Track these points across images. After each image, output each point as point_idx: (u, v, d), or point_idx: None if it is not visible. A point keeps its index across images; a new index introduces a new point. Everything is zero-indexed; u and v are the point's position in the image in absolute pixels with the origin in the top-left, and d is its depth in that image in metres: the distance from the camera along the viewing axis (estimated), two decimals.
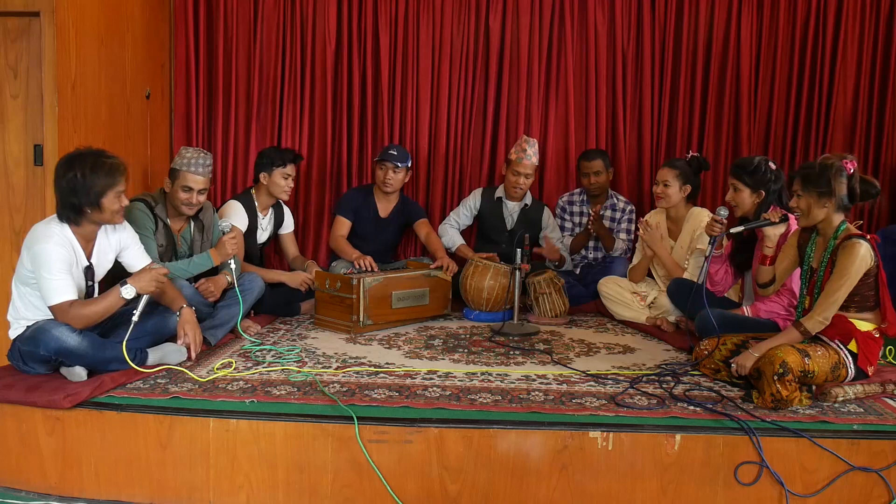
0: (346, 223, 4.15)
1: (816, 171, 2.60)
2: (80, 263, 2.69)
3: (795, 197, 2.67)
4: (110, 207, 2.65)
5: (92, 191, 2.59)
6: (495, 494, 2.32)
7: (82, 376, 2.56)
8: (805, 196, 2.63)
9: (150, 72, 4.14)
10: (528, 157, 4.16)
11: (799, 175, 2.66)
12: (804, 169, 2.66)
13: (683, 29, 4.49)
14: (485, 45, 4.53)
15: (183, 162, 3.22)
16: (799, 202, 2.66)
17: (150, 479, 2.36)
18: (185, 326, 2.85)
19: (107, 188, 2.61)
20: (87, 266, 2.72)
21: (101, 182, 2.60)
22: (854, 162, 2.59)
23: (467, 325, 3.80)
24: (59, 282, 2.55)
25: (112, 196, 2.64)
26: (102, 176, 2.60)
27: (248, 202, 3.84)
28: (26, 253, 2.60)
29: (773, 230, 2.90)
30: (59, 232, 2.61)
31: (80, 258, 2.68)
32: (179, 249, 3.31)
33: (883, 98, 4.46)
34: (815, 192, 2.60)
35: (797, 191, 2.66)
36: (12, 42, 3.24)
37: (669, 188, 3.67)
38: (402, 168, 4.10)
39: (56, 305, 2.56)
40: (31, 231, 2.64)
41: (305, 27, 4.48)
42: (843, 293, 2.55)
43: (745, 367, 2.64)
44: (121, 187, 2.66)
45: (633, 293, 3.87)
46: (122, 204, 2.69)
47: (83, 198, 2.59)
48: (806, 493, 2.30)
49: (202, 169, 3.22)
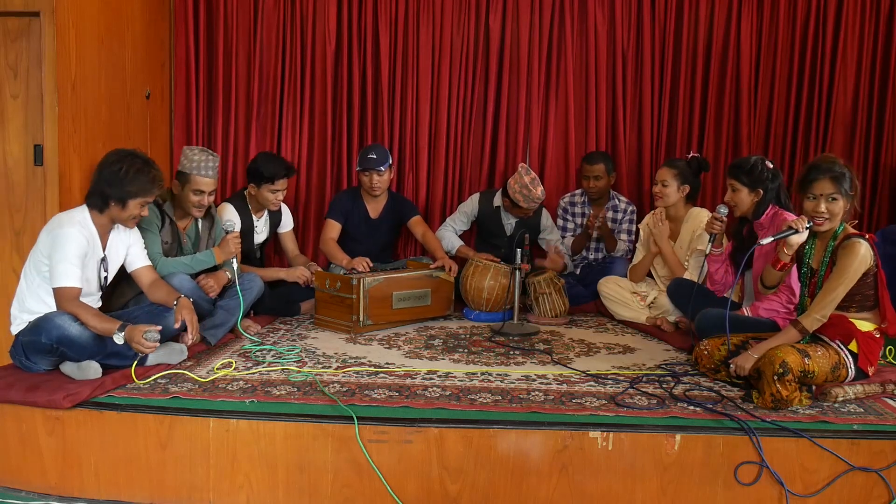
0: (336, 227, 4.11)
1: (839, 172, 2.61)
2: (97, 254, 2.78)
3: (828, 201, 2.65)
4: (132, 211, 2.77)
5: (126, 189, 2.71)
6: (495, 494, 2.32)
7: (98, 372, 2.58)
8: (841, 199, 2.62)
9: (150, 72, 4.14)
10: (535, 201, 4.08)
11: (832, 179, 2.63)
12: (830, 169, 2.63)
13: (683, 29, 4.49)
14: (485, 45, 4.53)
15: (192, 165, 3.22)
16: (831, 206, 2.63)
17: (150, 479, 2.36)
18: (182, 311, 2.83)
19: (140, 193, 2.75)
20: (102, 258, 2.81)
21: (139, 186, 2.73)
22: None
23: (467, 325, 3.80)
24: (72, 267, 2.64)
25: (139, 202, 2.76)
26: (143, 181, 2.74)
27: (242, 204, 3.79)
28: (46, 237, 2.69)
29: (798, 238, 2.85)
30: (82, 220, 2.73)
31: (97, 248, 2.78)
32: (185, 247, 3.32)
33: (883, 98, 4.45)
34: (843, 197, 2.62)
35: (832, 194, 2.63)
36: (12, 42, 3.24)
37: (667, 188, 3.68)
38: (386, 170, 4.04)
39: (61, 288, 2.62)
40: (56, 217, 2.77)
41: (305, 27, 4.48)
42: (841, 292, 2.55)
43: (743, 368, 2.64)
44: (150, 198, 2.80)
45: (633, 293, 3.87)
46: (142, 213, 2.80)
47: (115, 191, 2.71)
48: (806, 493, 2.30)
49: (212, 172, 3.24)
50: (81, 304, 2.67)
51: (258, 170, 3.69)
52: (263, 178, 3.68)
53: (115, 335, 2.58)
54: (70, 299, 2.63)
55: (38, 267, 2.69)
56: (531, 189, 4.02)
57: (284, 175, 3.72)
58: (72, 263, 2.63)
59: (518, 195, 4.06)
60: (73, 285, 2.64)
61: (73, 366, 2.59)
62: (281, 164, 3.73)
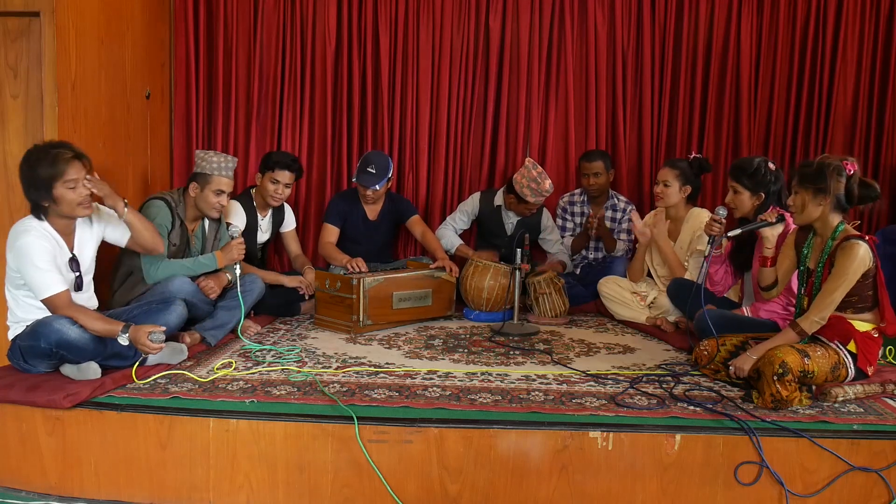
0: (334, 230, 4.12)
1: (814, 169, 2.60)
2: (64, 255, 2.68)
3: (793, 194, 2.67)
4: (65, 198, 2.58)
5: (39, 182, 2.56)
6: (495, 494, 2.32)
7: (97, 373, 2.57)
8: (801, 193, 2.63)
9: (150, 72, 4.14)
10: (544, 194, 4.09)
11: (797, 172, 2.67)
12: (802, 166, 2.67)
13: (683, 29, 4.49)
14: (485, 46, 4.53)
15: (212, 166, 3.24)
16: (795, 199, 2.66)
17: (150, 479, 2.36)
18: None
19: (53, 179, 2.55)
20: (71, 257, 2.71)
21: (46, 173, 2.55)
22: (854, 164, 2.59)
23: (467, 325, 3.80)
24: (48, 274, 2.55)
25: (62, 187, 2.56)
26: (46, 167, 2.55)
27: (248, 202, 3.84)
28: (10, 253, 2.60)
29: (771, 231, 2.89)
30: (36, 226, 2.61)
31: (63, 249, 2.68)
32: (193, 248, 3.33)
33: (883, 98, 4.45)
34: (812, 189, 2.60)
35: (794, 187, 2.66)
36: (12, 42, 3.24)
37: (669, 188, 3.67)
38: (382, 186, 4.00)
39: (49, 299, 2.56)
40: (11, 230, 2.63)
41: (305, 27, 4.48)
42: (840, 294, 2.55)
43: (742, 370, 2.65)
44: (69, 176, 2.57)
45: (633, 293, 3.87)
46: (80, 194, 2.60)
47: (34, 191, 2.58)
48: (806, 493, 2.30)
49: (230, 172, 3.29)
50: (79, 307, 2.63)
51: (269, 156, 3.85)
52: (268, 165, 3.80)
53: (119, 336, 2.56)
54: (63, 306, 2.57)
55: (15, 283, 2.63)
56: (540, 182, 4.03)
57: (286, 166, 3.78)
58: (44, 270, 2.54)
59: (526, 189, 4.05)
60: (56, 291, 2.56)
61: (72, 367, 2.58)
62: (288, 156, 3.86)
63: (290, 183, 3.83)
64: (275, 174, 3.77)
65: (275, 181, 3.77)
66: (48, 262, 2.56)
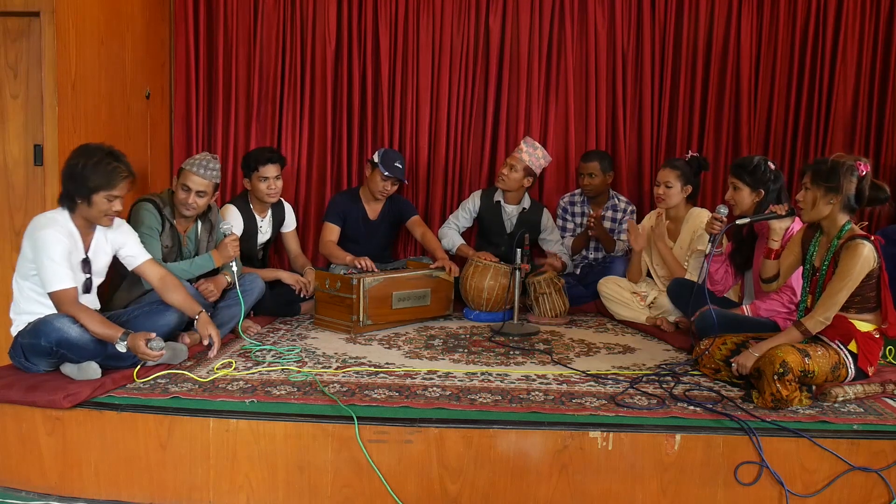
0: (335, 229, 4.12)
1: (828, 167, 2.60)
2: (79, 255, 2.71)
3: (803, 190, 2.67)
4: (99, 207, 2.65)
5: (85, 185, 2.61)
6: (495, 494, 2.32)
7: (97, 372, 2.57)
8: (812, 189, 2.63)
9: (150, 72, 4.14)
10: (520, 150, 4.16)
11: (810, 169, 2.67)
12: (816, 163, 2.67)
13: (683, 29, 4.49)
14: (485, 46, 4.53)
15: (190, 162, 3.22)
16: (805, 195, 2.66)
17: (150, 479, 2.36)
18: (207, 328, 2.89)
19: (100, 188, 2.62)
20: (84, 259, 2.74)
21: (97, 180, 2.61)
22: (868, 165, 2.60)
23: (467, 325, 3.80)
24: (60, 268, 2.58)
25: (103, 198, 2.64)
26: (100, 175, 2.61)
27: (245, 205, 3.81)
28: (28, 242, 2.63)
29: (780, 223, 2.90)
30: (60, 220, 2.66)
31: (79, 248, 2.71)
32: (185, 249, 3.31)
33: (883, 98, 4.45)
34: (823, 186, 2.60)
35: (805, 184, 2.66)
36: (12, 42, 3.24)
37: (671, 189, 3.67)
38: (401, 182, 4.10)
39: (56, 292, 2.58)
40: (34, 220, 2.67)
41: (305, 27, 4.48)
42: (844, 294, 2.55)
43: (745, 366, 2.64)
44: (116, 192, 2.65)
45: (633, 293, 3.87)
46: (113, 209, 2.67)
47: (76, 188, 2.62)
48: (806, 493, 2.30)
49: (203, 171, 3.18)
50: (83, 307, 2.64)
51: (246, 160, 3.78)
52: (250, 168, 3.74)
53: (117, 343, 2.57)
54: (69, 302, 2.59)
55: (26, 274, 2.65)
56: (521, 142, 4.20)
57: (268, 159, 3.71)
58: (58, 264, 2.57)
59: (542, 161, 4.21)
60: (66, 287, 2.58)
61: (73, 367, 2.58)
62: (266, 150, 3.80)
63: (278, 174, 3.76)
64: (260, 172, 3.71)
65: (263, 178, 3.71)
66: (63, 257, 2.60)
